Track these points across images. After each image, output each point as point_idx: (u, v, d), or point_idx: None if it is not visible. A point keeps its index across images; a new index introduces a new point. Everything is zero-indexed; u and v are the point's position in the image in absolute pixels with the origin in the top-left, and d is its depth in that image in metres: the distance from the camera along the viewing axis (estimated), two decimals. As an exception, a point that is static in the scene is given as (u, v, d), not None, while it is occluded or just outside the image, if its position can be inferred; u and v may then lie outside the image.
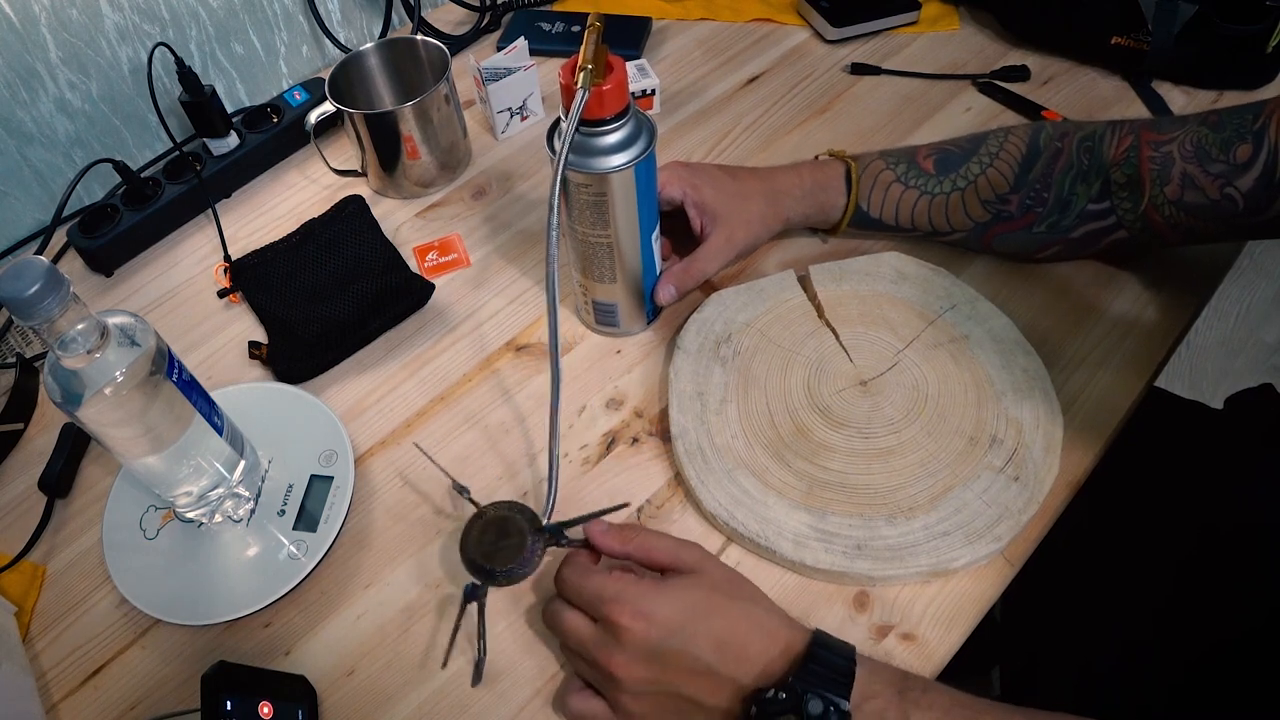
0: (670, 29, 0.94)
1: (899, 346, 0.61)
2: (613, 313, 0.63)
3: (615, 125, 0.51)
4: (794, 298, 0.64)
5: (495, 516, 0.51)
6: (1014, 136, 0.62)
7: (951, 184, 0.63)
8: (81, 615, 0.55)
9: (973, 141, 0.63)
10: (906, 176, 0.64)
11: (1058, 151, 0.60)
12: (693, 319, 0.64)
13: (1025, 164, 0.61)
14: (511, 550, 0.49)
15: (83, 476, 0.62)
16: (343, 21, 0.92)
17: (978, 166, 0.62)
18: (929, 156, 0.64)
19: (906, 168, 0.64)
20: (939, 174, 0.63)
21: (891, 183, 0.64)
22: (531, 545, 0.49)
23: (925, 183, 0.63)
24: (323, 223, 0.74)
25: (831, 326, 0.62)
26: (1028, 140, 0.61)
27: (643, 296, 0.62)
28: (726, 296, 0.65)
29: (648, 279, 0.61)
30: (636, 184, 0.54)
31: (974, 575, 0.52)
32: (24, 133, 0.75)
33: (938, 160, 0.63)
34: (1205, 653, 0.58)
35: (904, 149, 0.65)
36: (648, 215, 0.57)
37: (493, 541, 0.50)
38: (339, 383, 0.65)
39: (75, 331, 0.43)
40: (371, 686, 0.50)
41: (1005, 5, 0.87)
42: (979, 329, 0.61)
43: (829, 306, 0.63)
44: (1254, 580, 0.59)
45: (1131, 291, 0.64)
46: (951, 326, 0.61)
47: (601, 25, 0.48)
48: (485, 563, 0.49)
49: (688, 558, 0.47)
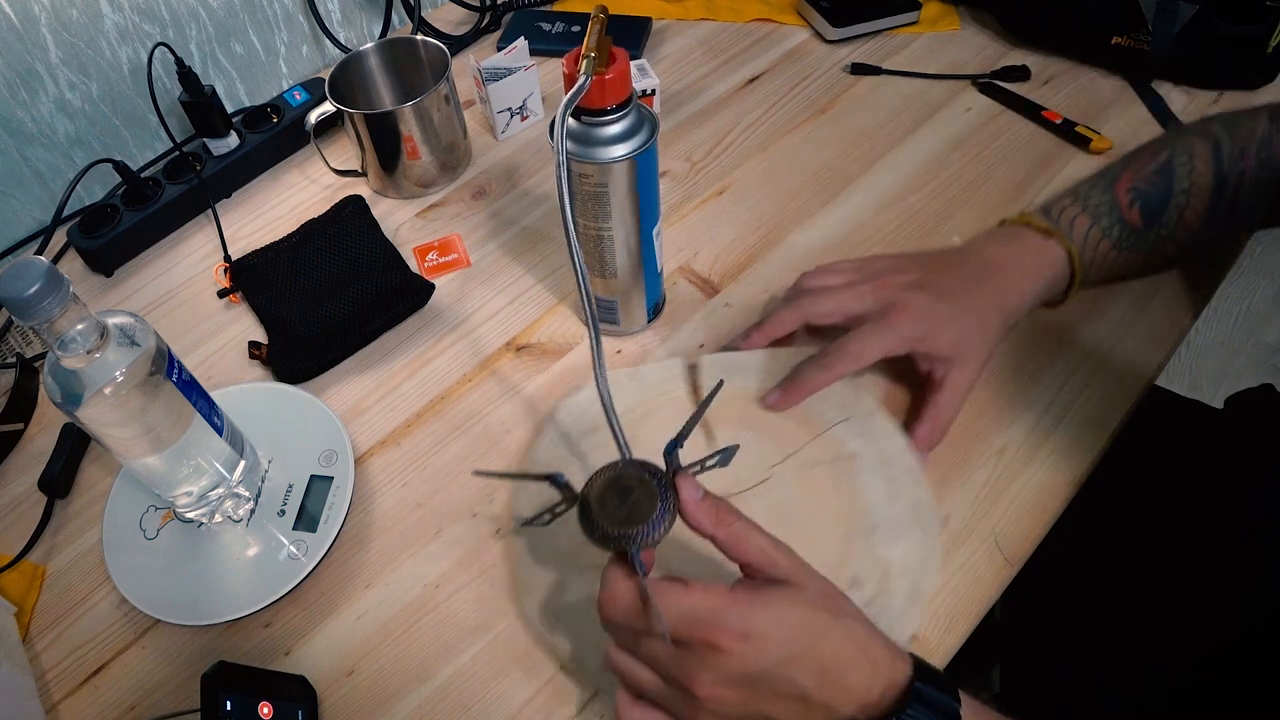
0: (670, 29, 0.94)
1: (774, 459, 0.53)
2: (613, 309, 0.63)
3: (617, 115, 0.51)
4: (676, 390, 0.58)
5: (604, 482, 0.44)
6: (1199, 164, 0.57)
7: (1156, 235, 0.58)
8: (81, 615, 0.55)
9: (1164, 175, 0.58)
10: (1121, 241, 0.58)
11: (1241, 175, 0.57)
12: (565, 403, 0.59)
13: (1215, 197, 0.57)
14: (646, 500, 0.42)
15: (83, 476, 0.62)
16: (343, 21, 0.92)
17: (1176, 211, 0.57)
18: (1133, 205, 0.58)
19: (1120, 230, 0.58)
20: (1145, 227, 0.58)
21: (1109, 251, 0.58)
22: (660, 486, 0.43)
23: (1135, 240, 0.58)
24: (323, 223, 0.74)
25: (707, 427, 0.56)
26: (1213, 167, 0.57)
27: (643, 293, 0.62)
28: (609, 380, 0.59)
29: (648, 275, 0.61)
30: (638, 175, 0.53)
31: (974, 575, 0.52)
32: (24, 133, 0.75)
33: (1142, 209, 0.58)
34: (1206, 653, 0.58)
35: (1103, 191, 0.58)
36: (649, 209, 0.57)
37: (618, 505, 0.42)
38: (339, 383, 0.65)
39: (75, 331, 0.43)
40: (371, 686, 0.50)
41: (1005, 5, 0.87)
42: (870, 448, 0.54)
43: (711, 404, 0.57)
44: (1254, 580, 0.59)
45: (1132, 292, 0.64)
46: (839, 442, 0.54)
47: (605, 16, 0.48)
48: (626, 529, 0.41)
49: (783, 563, 0.41)
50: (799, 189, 0.75)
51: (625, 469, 0.44)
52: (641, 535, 0.41)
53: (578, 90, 0.48)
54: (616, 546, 0.42)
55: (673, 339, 0.65)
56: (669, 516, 0.42)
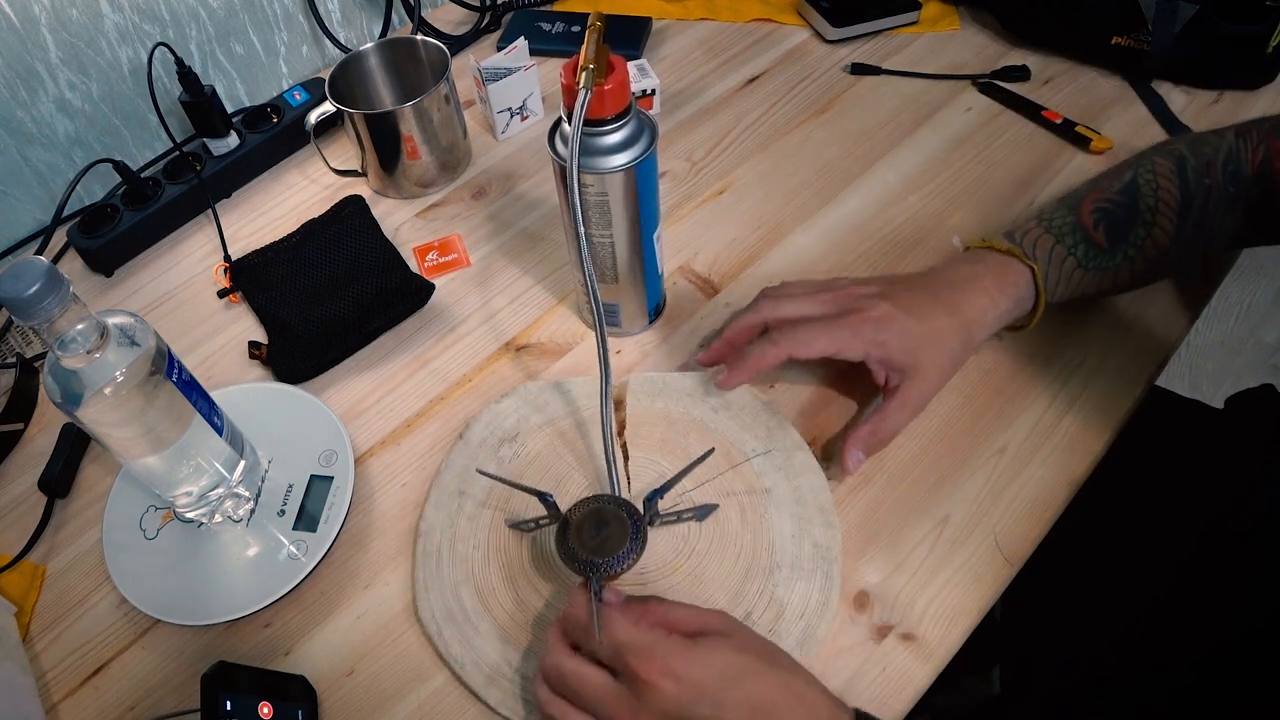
0: (670, 29, 0.94)
1: (688, 487, 0.54)
2: (615, 312, 0.63)
3: (617, 125, 0.51)
4: (599, 406, 0.57)
5: (586, 512, 0.48)
6: (1164, 180, 0.57)
7: (1123, 254, 0.57)
8: (81, 615, 0.55)
9: (1128, 194, 0.58)
10: (1086, 259, 0.57)
11: (1208, 190, 0.56)
12: (488, 409, 0.59)
13: (1182, 214, 0.57)
14: (618, 536, 0.47)
15: (83, 476, 0.62)
16: (343, 21, 0.92)
17: (1143, 230, 0.57)
18: (1098, 225, 0.57)
19: (1085, 249, 0.57)
20: (1111, 246, 0.57)
21: (1074, 269, 0.57)
22: (634, 527, 0.47)
23: (1100, 259, 0.57)
24: (323, 223, 0.74)
25: (625, 448, 0.56)
26: (1178, 183, 0.57)
27: (644, 296, 0.62)
28: (531, 391, 0.60)
29: (650, 279, 0.61)
30: (638, 184, 0.53)
31: (974, 575, 0.52)
32: (24, 133, 0.75)
33: (1107, 229, 0.57)
34: (1206, 652, 0.58)
35: (1068, 212, 0.58)
36: (649, 216, 0.57)
37: (593, 534, 0.47)
38: (339, 383, 0.65)
39: (75, 331, 0.43)
40: (371, 686, 0.50)
41: (1005, 5, 0.87)
42: (785, 485, 0.54)
43: (632, 424, 0.57)
44: (1254, 580, 0.59)
45: (1132, 291, 0.64)
46: (756, 476, 0.54)
47: (603, 25, 0.48)
48: (596, 557, 0.46)
49: (715, 621, 0.44)
50: (799, 189, 0.75)
51: (608, 505, 0.48)
52: (606, 566, 0.46)
53: (581, 106, 0.48)
54: (583, 570, 0.46)
55: (672, 339, 0.65)
56: (634, 556, 0.46)
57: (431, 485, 0.57)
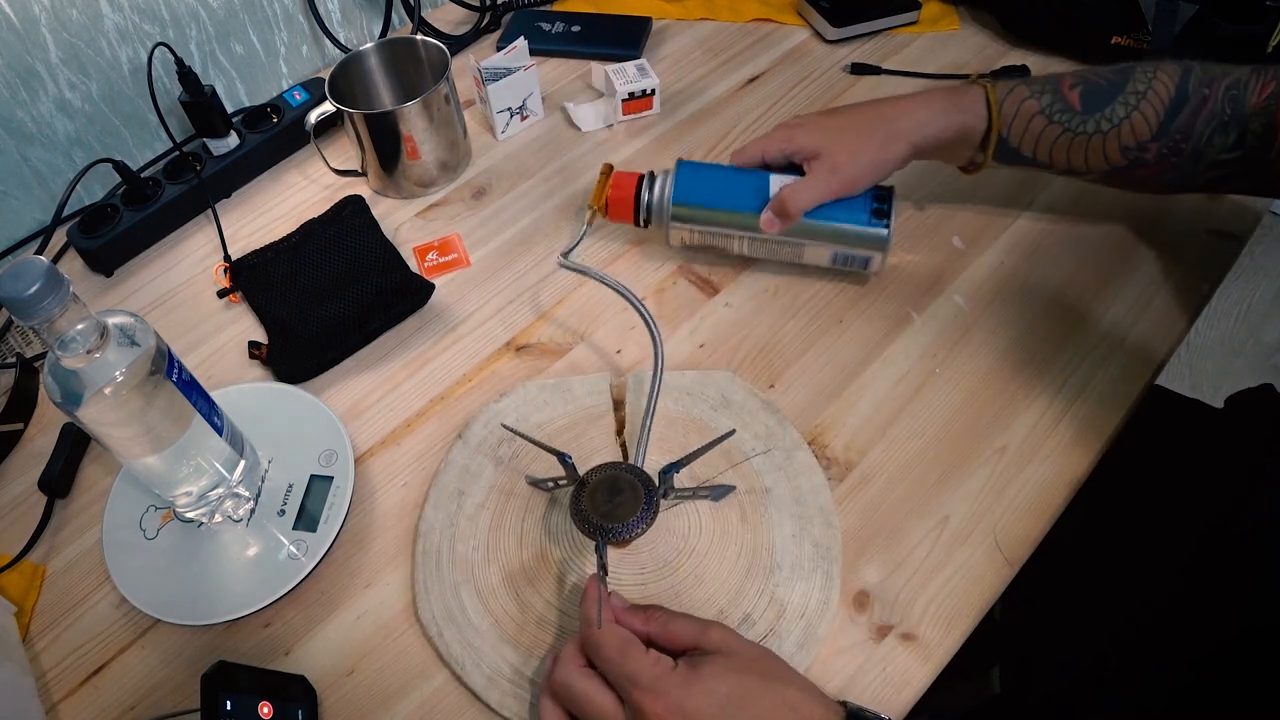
0: (670, 29, 0.94)
1: (687, 483, 0.54)
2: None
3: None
4: (599, 405, 0.59)
5: (603, 478, 0.49)
6: (1162, 76, 0.57)
7: (1095, 125, 0.58)
8: (81, 615, 0.55)
9: (1120, 75, 0.58)
10: (1052, 110, 0.58)
11: (1204, 99, 0.56)
12: (486, 409, 0.60)
13: (1171, 110, 0.56)
14: (630, 504, 0.47)
15: (83, 476, 0.62)
16: (343, 21, 0.92)
17: (1123, 108, 0.57)
18: (1074, 87, 0.58)
19: (1052, 99, 0.58)
20: (1084, 111, 0.58)
21: (1035, 114, 0.58)
22: (647, 497, 0.48)
23: (1070, 119, 0.58)
24: (322, 223, 0.74)
25: (624, 446, 0.57)
26: (1175, 84, 0.57)
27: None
28: (530, 390, 0.60)
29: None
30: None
31: (974, 575, 0.52)
32: (24, 133, 0.75)
33: (1084, 93, 0.58)
34: (1206, 652, 0.58)
35: (1047, 76, 0.60)
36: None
37: (606, 500, 0.48)
38: (339, 383, 0.65)
39: (75, 331, 0.43)
40: (371, 686, 0.50)
41: (1005, 5, 0.87)
42: (785, 484, 0.54)
43: (632, 423, 0.58)
44: (1254, 580, 0.59)
45: (1132, 291, 0.64)
46: (756, 475, 0.55)
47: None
48: (607, 522, 0.47)
49: (714, 636, 0.44)
50: (799, 189, 0.75)
51: (626, 473, 0.48)
52: (615, 532, 0.47)
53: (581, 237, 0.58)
54: (592, 534, 0.47)
55: (672, 339, 0.65)
56: (644, 525, 0.47)
57: (431, 485, 0.57)
